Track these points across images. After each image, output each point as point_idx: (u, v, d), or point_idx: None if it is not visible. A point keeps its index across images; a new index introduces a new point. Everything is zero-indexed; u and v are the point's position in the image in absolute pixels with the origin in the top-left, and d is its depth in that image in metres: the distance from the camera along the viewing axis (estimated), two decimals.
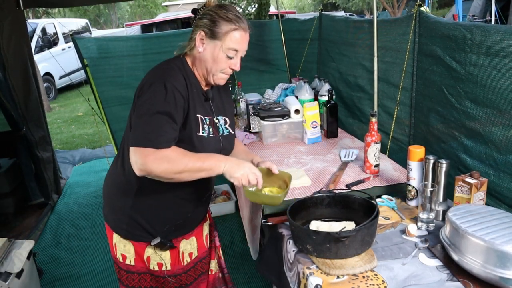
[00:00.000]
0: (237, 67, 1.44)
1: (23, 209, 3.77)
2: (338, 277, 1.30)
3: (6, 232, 3.32)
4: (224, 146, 1.56)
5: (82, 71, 4.26)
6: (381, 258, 1.39)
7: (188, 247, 1.65)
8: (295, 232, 1.44)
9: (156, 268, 1.57)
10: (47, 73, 9.62)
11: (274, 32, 4.47)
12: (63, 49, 10.21)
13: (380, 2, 12.25)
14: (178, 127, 1.36)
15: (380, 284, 1.26)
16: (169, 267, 1.58)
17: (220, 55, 1.40)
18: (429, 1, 9.84)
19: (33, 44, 8.63)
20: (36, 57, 6.29)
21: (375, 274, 1.30)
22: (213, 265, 1.82)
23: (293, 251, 1.48)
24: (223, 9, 1.40)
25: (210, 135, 1.48)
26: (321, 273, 1.33)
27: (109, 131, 4.35)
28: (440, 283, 1.25)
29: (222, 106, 1.62)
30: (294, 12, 12.47)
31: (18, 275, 2.14)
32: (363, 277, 1.29)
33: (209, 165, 1.35)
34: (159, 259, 1.56)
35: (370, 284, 1.26)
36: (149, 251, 1.55)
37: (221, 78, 1.47)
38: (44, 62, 9.12)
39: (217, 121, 1.56)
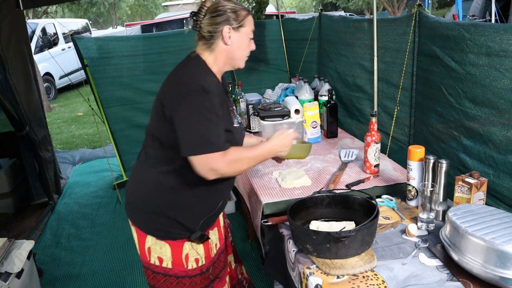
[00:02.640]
0: (254, 46, 1.57)
1: (23, 209, 3.77)
2: (338, 277, 1.30)
3: (6, 232, 3.32)
4: (243, 134, 1.71)
5: (82, 71, 4.26)
6: (381, 258, 1.39)
7: (214, 238, 1.68)
8: (295, 232, 1.44)
9: (194, 266, 1.57)
10: (47, 73, 9.61)
11: (274, 32, 4.47)
12: (63, 49, 10.21)
13: (380, 2, 12.24)
14: (226, 125, 1.47)
15: (380, 284, 1.26)
16: (204, 261, 1.59)
17: (245, 40, 1.52)
18: (429, 1, 9.84)
19: (33, 44, 8.63)
20: (36, 57, 6.29)
21: (375, 274, 1.30)
22: (231, 259, 1.87)
23: (293, 251, 1.48)
24: (226, 2, 1.48)
25: (239, 125, 1.61)
26: (321, 273, 1.33)
27: (109, 131, 4.35)
28: (440, 283, 1.25)
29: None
30: (294, 12, 12.47)
31: (18, 275, 2.14)
32: (363, 277, 1.30)
33: (265, 154, 1.53)
34: (195, 254, 1.56)
35: (370, 284, 1.26)
36: (186, 248, 1.55)
37: (244, 61, 1.57)
38: (44, 62, 9.11)
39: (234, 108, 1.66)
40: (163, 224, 1.51)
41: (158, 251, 1.54)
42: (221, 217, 1.78)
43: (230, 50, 1.50)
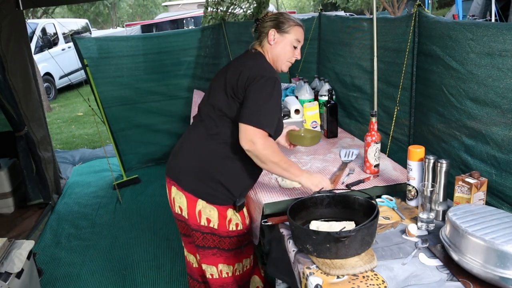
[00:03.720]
0: (299, 56, 1.84)
1: (23, 209, 3.77)
2: (338, 277, 1.30)
3: (6, 232, 3.32)
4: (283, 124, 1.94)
5: (82, 71, 4.27)
6: (381, 258, 1.39)
7: (245, 210, 1.92)
8: (295, 232, 1.44)
9: (234, 228, 1.83)
10: (47, 73, 9.61)
11: None
12: (63, 49, 10.21)
13: (380, 2, 12.24)
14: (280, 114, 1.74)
15: (380, 284, 1.26)
16: (242, 227, 1.86)
17: (288, 46, 1.79)
18: (429, 1, 9.83)
19: (33, 44, 8.63)
20: (36, 57, 6.29)
21: (375, 274, 1.30)
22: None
23: (293, 251, 1.48)
24: (284, 13, 1.83)
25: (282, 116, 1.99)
26: (321, 273, 1.33)
27: (109, 131, 4.36)
28: (440, 283, 1.25)
29: None
30: (294, 12, 12.47)
31: (18, 275, 2.14)
32: (363, 277, 1.30)
33: (293, 170, 1.68)
34: (236, 219, 1.83)
35: (370, 284, 1.26)
36: (230, 213, 1.80)
37: (287, 66, 1.85)
38: (44, 62, 9.11)
39: None
40: (214, 189, 1.75)
41: (207, 213, 1.78)
42: None
43: (273, 50, 1.78)
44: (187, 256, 2.08)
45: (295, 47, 1.81)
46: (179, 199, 1.81)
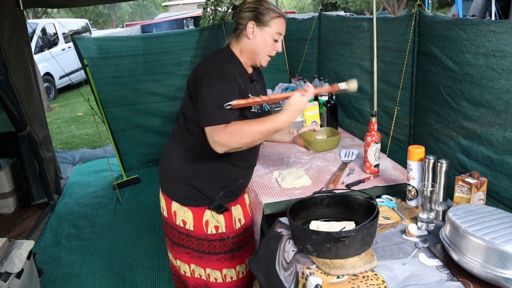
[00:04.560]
0: (280, 49, 1.70)
1: (23, 209, 3.77)
2: (338, 277, 1.30)
3: (6, 232, 3.32)
4: None
5: (82, 71, 4.26)
6: (381, 258, 1.39)
7: (237, 213, 1.87)
8: (295, 232, 1.44)
9: (214, 231, 1.79)
10: (47, 73, 9.60)
11: None
12: (63, 49, 10.21)
13: (380, 2, 12.23)
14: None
15: (380, 284, 1.26)
16: (224, 230, 1.80)
17: (268, 40, 1.65)
18: (429, 1, 9.83)
19: (33, 44, 8.62)
20: (36, 57, 6.29)
21: (375, 274, 1.30)
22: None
23: (293, 251, 1.48)
24: (263, 2, 1.65)
25: (259, 111, 1.76)
26: (321, 273, 1.33)
27: (109, 131, 4.35)
28: (440, 283, 1.24)
29: (261, 87, 1.86)
30: (294, 12, 12.46)
31: (18, 275, 2.14)
32: (363, 277, 1.29)
33: (273, 126, 1.54)
34: (216, 222, 1.78)
35: (370, 284, 1.26)
36: (207, 215, 1.77)
37: (266, 60, 1.72)
38: (44, 62, 9.11)
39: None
40: (185, 191, 1.75)
41: (182, 215, 1.78)
42: (246, 196, 1.97)
43: (253, 44, 1.65)
44: (169, 255, 2.04)
45: (275, 40, 1.68)
46: (161, 199, 1.88)
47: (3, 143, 3.91)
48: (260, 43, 1.65)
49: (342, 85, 1.59)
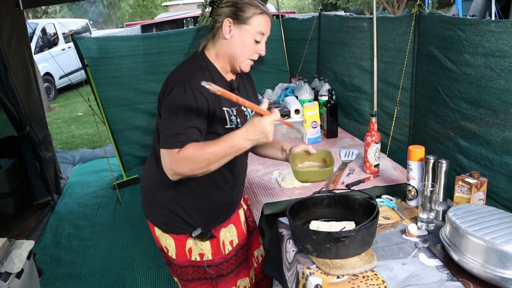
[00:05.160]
0: (264, 52, 1.46)
1: (23, 209, 3.77)
2: (338, 277, 1.30)
3: (6, 232, 3.32)
4: None
5: (82, 71, 4.26)
6: (381, 258, 1.39)
7: (228, 235, 1.66)
8: (295, 232, 1.44)
9: (198, 259, 1.59)
10: (47, 73, 9.60)
11: (274, 32, 4.45)
12: (63, 49, 10.20)
13: (380, 2, 12.23)
14: (202, 126, 1.36)
15: (380, 284, 1.26)
16: (210, 257, 1.60)
17: (248, 40, 1.42)
18: (429, 1, 9.83)
19: (33, 44, 8.62)
20: (36, 57, 6.28)
21: (375, 274, 1.30)
22: (258, 254, 1.85)
23: (293, 251, 1.48)
24: None
25: (239, 126, 1.46)
26: (321, 273, 1.33)
27: (109, 131, 4.35)
28: (440, 283, 1.25)
29: (246, 94, 1.62)
30: (294, 12, 12.46)
31: (18, 275, 2.14)
32: (363, 277, 1.29)
33: (230, 145, 1.29)
34: (199, 250, 1.58)
35: (370, 284, 1.26)
36: (190, 243, 1.57)
37: (247, 64, 1.48)
38: (44, 62, 9.10)
39: (244, 109, 1.54)
40: (165, 217, 1.55)
41: (164, 241, 1.60)
42: (242, 212, 1.76)
43: (230, 45, 1.42)
44: None
45: (257, 41, 1.43)
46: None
47: (5, 147, 3.92)
48: (237, 44, 1.42)
49: (298, 126, 1.47)
